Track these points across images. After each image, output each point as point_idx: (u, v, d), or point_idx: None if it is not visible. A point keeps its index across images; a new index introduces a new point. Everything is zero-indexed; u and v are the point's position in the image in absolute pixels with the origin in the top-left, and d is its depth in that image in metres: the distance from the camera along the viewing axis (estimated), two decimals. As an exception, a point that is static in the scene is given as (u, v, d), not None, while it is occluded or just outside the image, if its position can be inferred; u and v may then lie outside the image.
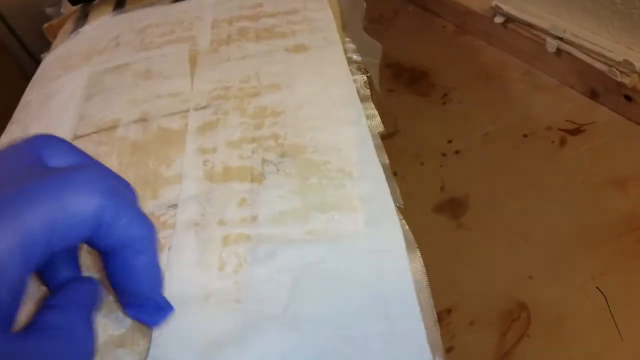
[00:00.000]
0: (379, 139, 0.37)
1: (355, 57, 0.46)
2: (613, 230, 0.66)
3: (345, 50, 0.46)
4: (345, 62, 0.44)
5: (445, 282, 0.68)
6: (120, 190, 0.23)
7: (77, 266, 0.26)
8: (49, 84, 0.51)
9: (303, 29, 0.49)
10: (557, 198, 0.70)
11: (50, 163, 0.23)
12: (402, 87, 0.92)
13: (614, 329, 0.59)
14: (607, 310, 0.60)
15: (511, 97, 0.85)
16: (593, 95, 0.80)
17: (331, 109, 0.39)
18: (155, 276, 0.25)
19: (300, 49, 0.47)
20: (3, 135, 0.47)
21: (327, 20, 0.50)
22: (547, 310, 0.62)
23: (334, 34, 0.48)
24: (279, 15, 0.52)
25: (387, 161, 0.35)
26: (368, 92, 0.41)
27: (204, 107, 0.41)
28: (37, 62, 1.38)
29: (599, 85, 0.78)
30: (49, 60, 0.56)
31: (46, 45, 0.69)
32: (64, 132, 0.42)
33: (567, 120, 0.79)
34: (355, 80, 0.42)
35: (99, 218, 0.21)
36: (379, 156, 0.35)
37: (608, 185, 0.71)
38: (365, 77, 0.43)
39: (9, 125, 0.49)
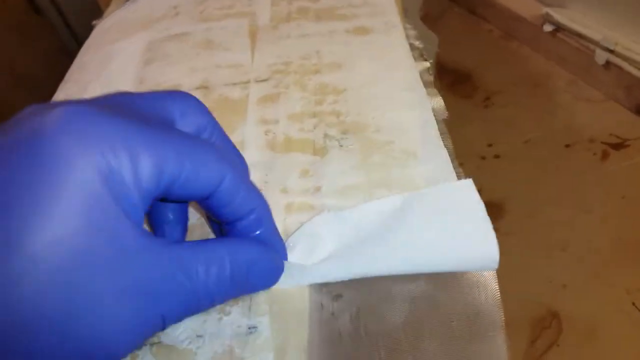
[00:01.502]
0: (444, 125, 0.36)
1: (417, 43, 0.45)
2: (652, 248, 0.65)
3: (407, 37, 0.46)
4: (408, 47, 0.44)
5: (476, 284, 0.67)
6: (241, 167, 0.24)
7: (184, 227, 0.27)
8: (106, 47, 0.51)
9: (364, 12, 0.49)
10: (597, 210, 0.69)
11: (179, 120, 0.24)
12: (444, 88, 0.91)
13: (648, 347, 0.58)
14: (642, 327, 0.59)
15: (555, 106, 0.84)
16: (639, 110, 0.79)
17: (394, 92, 0.39)
18: (278, 245, 0.26)
19: (360, 31, 0.46)
20: (58, 92, 0.48)
21: (388, 5, 0.50)
22: (579, 321, 0.61)
23: (396, 19, 0.47)
24: (339, -2, 0.52)
25: (452, 146, 0.34)
26: (432, 78, 0.41)
27: (265, 80, 0.41)
28: (74, 33, 1.39)
29: (647, 101, 0.77)
30: (105, 25, 0.57)
31: (86, 17, 0.69)
32: (123, 92, 0.42)
33: (610, 134, 0.78)
34: (417, 66, 0.42)
35: (220, 183, 0.22)
36: (444, 141, 0.34)
37: (649, 202, 0.70)
38: (429, 64, 0.42)
39: (63, 83, 0.49)
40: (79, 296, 0.18)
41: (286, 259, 0.26)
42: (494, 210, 0.72)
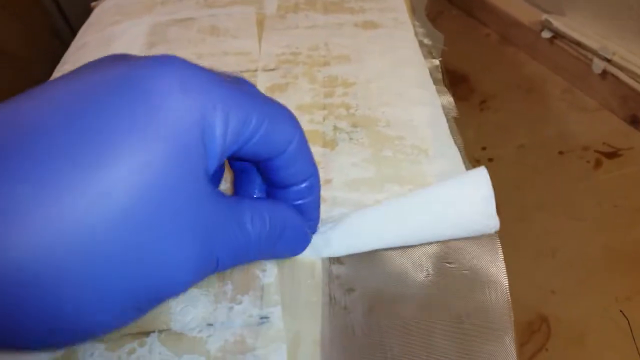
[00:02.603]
0: (453, 122, 0.36)
1: (426, 41, 0.45)
2: (641, 257, 0.66)
3: (416, 34, 0.45)
4: (417, 44, 0.43)
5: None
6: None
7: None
8: (108, 28, 0.50)
9: (372, 7, 0.49)
10: (588, 218, 0.70)
11: None
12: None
13: (635, 354, 0.58)
14: (630, 334, 0.59)
15: (550, 113, 0.84)
16: (633, 121, 0.80)
17: (403, 87, 0.38)
18: (317, 215, 0.26)
19: (369, 25, 0.46)
20: (56, 73, 0.47)
21: (397, 1, 0.49)
22: (568, 326, 0.61)
23: (405, 16, 0.47)
24: (347, -9, 0.51)
25: (462, 144, 0.34)
26: (440, 76, 0.41)
27: (273, 70, 0.41)
28: (65, 14, 1.36)
29: (641, 112, 0.78)
30: (106, 6, 0.55)
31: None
32: (127, 74, 0.41)
33: (604, 143, 0.79)
34: (426, 64, 0.41)
35: (289, 145, 0.22)
36: (454, 138, 0.34)
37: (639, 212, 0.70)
38: (438, 62, 0.42)
39: (60, 64, 0.48)
40: (150, 229, 0.18)
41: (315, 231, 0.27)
42: (487, 213, 0.72)
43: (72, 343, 0.21)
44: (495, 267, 0.28)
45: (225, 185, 0.32)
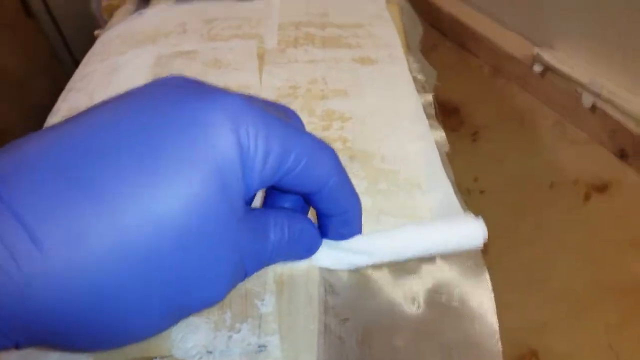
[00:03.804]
0: (445, 157, 0.38)
1: (419, 76, 0.47)
2: (629, 290, 0.67)
3: (410, 69, 0.47)
4: (411, 79, 0.45)
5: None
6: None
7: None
8: (112, 58, 0.51)
9: (368, 43, 0.50)
10: (578, 251, 0.71)
11: None
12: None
13: (624, 386, 0.59)
14: (618, 367, 0.60)
15: (540, 145, 0.86)
16: (622, 155, 0.82)
17: (398, 122, 0.40)
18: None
19: (366, 61, 0.47)
20: (60, 101, 0.48)
21: (392, 38, 0.51)
22: (558, 359, 0.62)
23: (400, 52, 0.49)
24: (344, 27, 0.53)
25: (454, 178, 0.36)
26: (433, 111, 0.42)
27: (273, 102, 0.42)
28: (66, 40, 1.38)
29: (629, 147, 0.80)
30: (110, 36, 0.57)
31: (79, 24, 0.69)
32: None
33: (593, 176, 0.80)
34: (420, 99, 0.43)
35: (326, 183, 0.24)
36: (446, 172, 0.35)
37: (628, 245, 0.71)
38: (431, 97, 0.44)
39: (65, 92, 0.49)
40: (192, 249, 0.19)
41: None
42: (478, 243, 0.73)
43: (114, 346, 0.23)
44: (484, 300, 0.29)
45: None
